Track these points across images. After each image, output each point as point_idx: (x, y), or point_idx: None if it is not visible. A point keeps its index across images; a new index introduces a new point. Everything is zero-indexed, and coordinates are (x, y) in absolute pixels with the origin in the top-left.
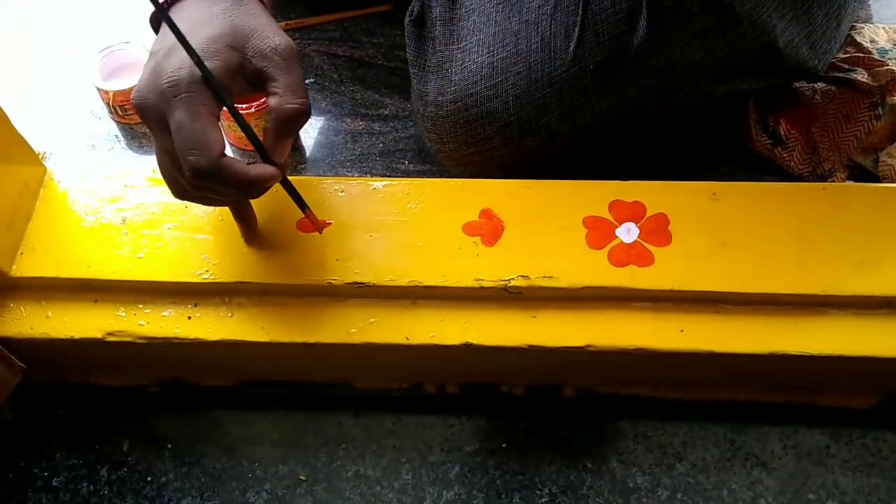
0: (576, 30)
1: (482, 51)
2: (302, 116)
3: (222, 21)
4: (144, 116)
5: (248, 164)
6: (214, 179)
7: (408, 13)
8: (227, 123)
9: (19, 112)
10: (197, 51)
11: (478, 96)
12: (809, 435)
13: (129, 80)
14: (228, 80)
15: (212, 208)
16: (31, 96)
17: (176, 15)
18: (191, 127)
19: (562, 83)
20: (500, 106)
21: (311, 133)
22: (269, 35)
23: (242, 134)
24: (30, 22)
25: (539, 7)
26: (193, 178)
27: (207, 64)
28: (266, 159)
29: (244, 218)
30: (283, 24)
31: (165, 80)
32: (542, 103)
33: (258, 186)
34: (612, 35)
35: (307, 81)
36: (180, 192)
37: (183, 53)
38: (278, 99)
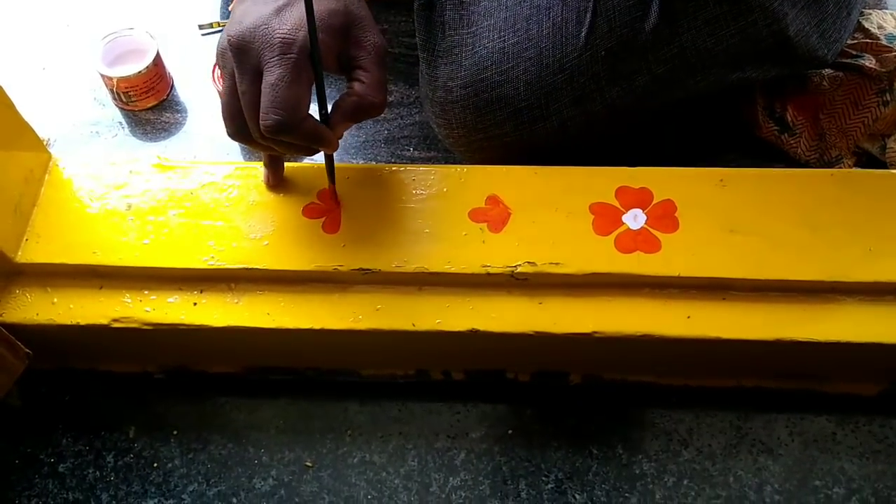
0: (587, 15)
1: (493, 35)
2: (376, 110)
3: None
4: (238, 57)
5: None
6: (289, 136)
7: None
8: None
9: (23, 99)
10: (318, 19)
11: (488, 81)
12: (816, 422)
13: (133, 67)
14: (328, 55)
15: (219, 194)
16: (35, 83)
17: None
18: (288, 87)
19: (573, 69)
20: (511, 91)
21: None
22: (371, 30)
23: None
24: (34, 9)
25: None
26: (271, 133)
27: (322, 36)
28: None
29: (276, 165)
30: None
31: (279, 35)
32: (554, 89)
33: (319, 144)
34: (623, 21)
35: None
36: (240, 135)
37: (299, 14)
38: (363, 87)
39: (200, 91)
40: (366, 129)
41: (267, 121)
